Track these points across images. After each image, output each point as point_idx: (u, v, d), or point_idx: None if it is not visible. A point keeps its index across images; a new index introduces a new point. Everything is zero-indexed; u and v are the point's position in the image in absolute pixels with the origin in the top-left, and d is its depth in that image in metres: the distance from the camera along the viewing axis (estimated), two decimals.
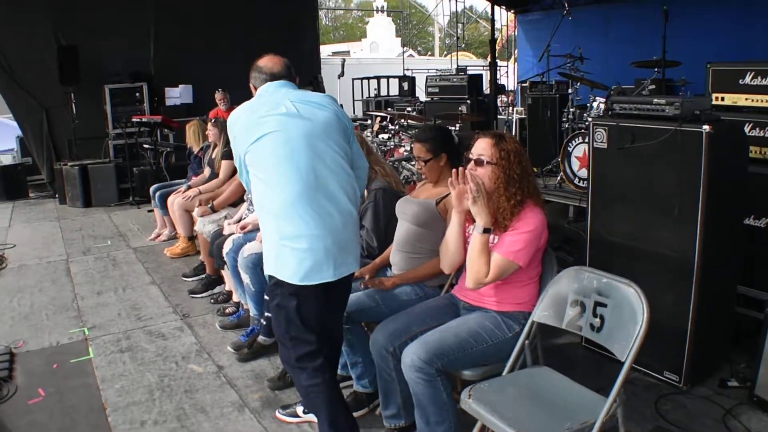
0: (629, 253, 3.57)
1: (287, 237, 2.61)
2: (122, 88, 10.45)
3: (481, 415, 2.37)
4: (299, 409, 3.31)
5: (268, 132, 2.63)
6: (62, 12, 10.08)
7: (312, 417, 3.20)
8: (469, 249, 2.76)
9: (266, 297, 3.11)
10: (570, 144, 6.12)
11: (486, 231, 2.70)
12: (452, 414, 2.70)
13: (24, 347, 4.43)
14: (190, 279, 5.70)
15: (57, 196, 10.01)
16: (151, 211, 7.70)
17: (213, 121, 6.27)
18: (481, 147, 2.80)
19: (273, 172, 2.62)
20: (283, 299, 2.69)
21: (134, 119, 9.59)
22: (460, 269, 3.05)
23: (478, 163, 2.78)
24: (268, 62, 2.86)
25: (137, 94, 10.57)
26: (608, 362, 2.87)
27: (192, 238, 6.35)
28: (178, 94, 11.03)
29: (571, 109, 6.65)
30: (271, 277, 2.74)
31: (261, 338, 4.09)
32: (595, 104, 6.28)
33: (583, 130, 6.14)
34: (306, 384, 2.76)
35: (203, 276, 5.54)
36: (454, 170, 2.78)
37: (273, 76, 2.82)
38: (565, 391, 2.54)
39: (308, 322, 2.70)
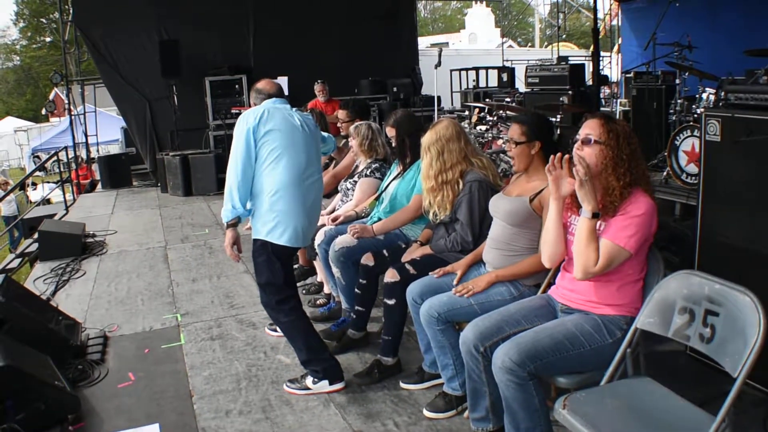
0: (742, 257, 3.28)
1: (277, 211, 3.47)
2: (222, 81, 10.70)
3: (576, 427, 2.22)
4: (309, 381, 3.58)
5: (283, 129, 3.50)
6: (164, 7, 10.44)
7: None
8: (576, 236, 2.61)
9: (253, 254, 3.58)
10: (677, 137, 5.78)
11: (594, 216, 2.54)
12: (544, 421, 2.55)
13: (118, 331, 4.57)
14: None
15: (159, 184, 10.36)
16: None
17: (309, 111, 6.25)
18: (590, 126, 2.67)
19: (279, 160, 3.47)
20: (269, 256, 3.52)
21: (233, 110, 9.78)
22: (558, 268, 2.89)
23: (585, 142, 2.64)
24: (265, 85, 3.74)
25: (236, 86, 10.81)
26: (714, 373, 2.65)
27: None
28: None
29: (679, 101, 6.28)
30: (257, 240, 3.54)
31: (350, 332, 4.04)
32: (704, 95, 5.89)
33: (691, 123, 5.79)
34: (284, 320, 3.61)
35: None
36: (552, 156, 2.65)
37: (269, 96, 3.69)
38: (669, 405, 2.35)
39: (286, 273, 3.59)
